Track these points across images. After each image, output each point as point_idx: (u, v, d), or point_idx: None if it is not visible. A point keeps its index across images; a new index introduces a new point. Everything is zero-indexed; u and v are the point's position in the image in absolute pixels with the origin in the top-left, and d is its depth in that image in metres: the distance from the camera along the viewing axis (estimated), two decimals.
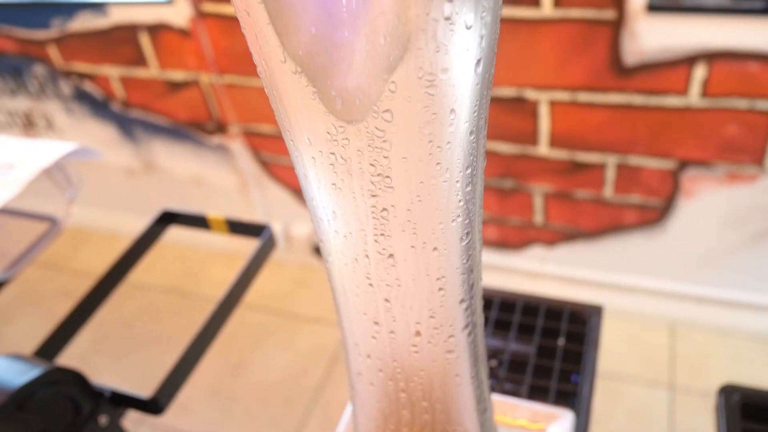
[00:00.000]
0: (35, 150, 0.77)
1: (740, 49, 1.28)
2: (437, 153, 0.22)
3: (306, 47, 0.21)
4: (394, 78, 0.20)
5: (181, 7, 1.61)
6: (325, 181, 0.24)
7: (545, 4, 1.32)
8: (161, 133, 1.94)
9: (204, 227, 0.77)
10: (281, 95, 0.23)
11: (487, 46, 0.21)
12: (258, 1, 0.20)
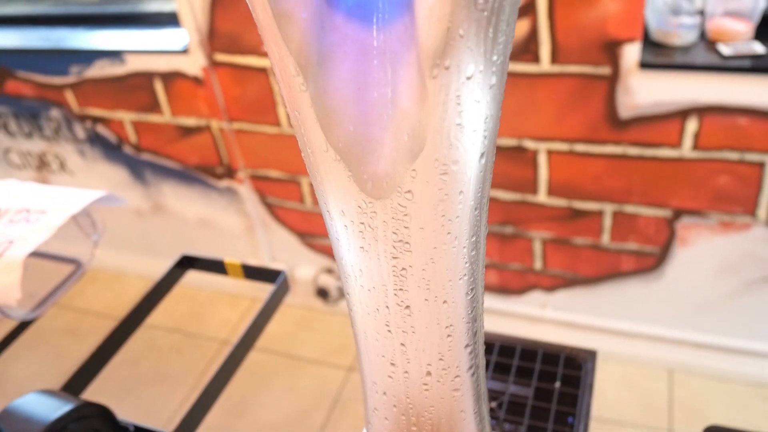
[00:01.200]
0: (65, 197, 0.83)
1: (730, 104, 1.35)
2: (448, 224, 0.28)
3: (345, 140, 0.26)
4: (415, 166, 0.26)
5: (195, 56, 1.69)
6: (355, 244, 0.30)
7: (544, 59, 1.40)
8: (171, 176, 2.01)
9: (221, 272, 0.82)
10: (322, 176, 0.28)
11: (489, 143, 0.26)
12: (308, 105, 0.26)
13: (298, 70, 0.25)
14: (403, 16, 0.23)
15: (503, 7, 0.22)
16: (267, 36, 0.25)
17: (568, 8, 1.33)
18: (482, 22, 0.22)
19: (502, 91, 0.26)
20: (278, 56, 0.25)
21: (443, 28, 0.22)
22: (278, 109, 1.71)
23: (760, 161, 1.40)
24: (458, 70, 0.23)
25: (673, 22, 1.41)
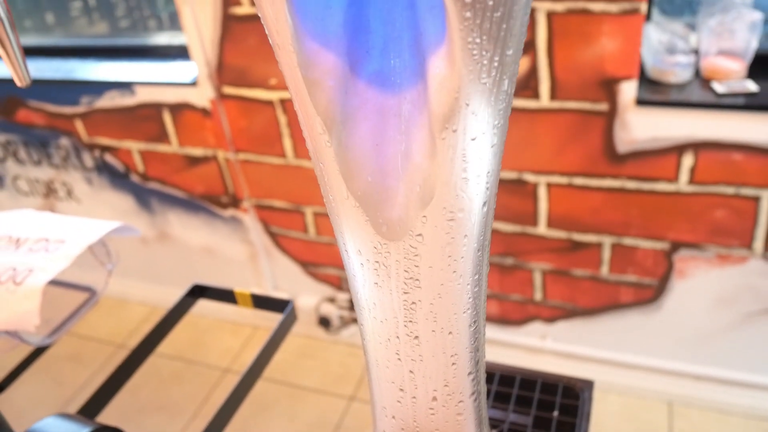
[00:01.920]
0: (82, 227, 0.86)
1: (725, 140, 1.40)
2: (454, 264, 0.31)
3: (363, 189, 0.30)
4: (425, 213, 0.29)
5: (203, 89, 1.74)
6: (370, 280, 0.33)
7: (544, 96, 1.45)
8: (177, 204, 2.05)
9: (231, 301, 0.85)
10: (342, 220, 0.32)
11: (490, 193, 0.30)
12: (332, 158, 0.30)
13: (324, 129, 0.29)
14: (417, 86, 0.27)
15: (503, 81, 0.26)
16: (297, 99, 0.29)
17: (566, 47, 1.38)
18: (485, 93, 0.26)
19: (502, 149, 0.30)
20: (306, 116, 0.29)
21: (452, 99, 0.26)
22: (284, 140, 1.75)
23: (756, 195, 1.44)
24: (464, 132, 0.27)
25: (669, 61, 1.46)
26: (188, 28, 1.66)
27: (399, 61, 0.27)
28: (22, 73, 0.54)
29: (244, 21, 1.59)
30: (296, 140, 1.74)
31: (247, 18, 1.58)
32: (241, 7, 1.57)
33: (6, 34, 0.51)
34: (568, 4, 1.34)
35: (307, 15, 0.26)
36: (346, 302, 2.04)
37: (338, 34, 0.27)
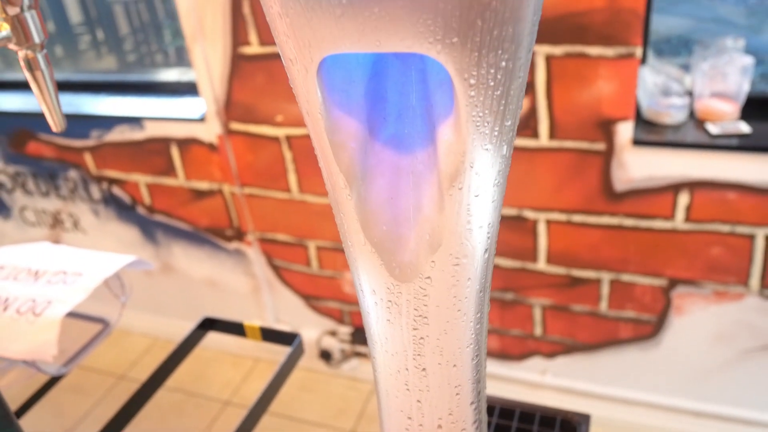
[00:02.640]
0: (99, 260, 0.90)
1: (719, 179, 1.44)
2: (459, 304, 0.35)
3: (379, 237, 0.34)
4: (434, 258, 0.34)
5: (211, 124, 1.80)
6: (382, 317, 0.37)
7: (543, 135, 1.50)
8: (182, 237, 2.09)
9: (240, 334, 0.89)
10: (359, 263, 0.36)
11: (491, 242, 0.34)
12: (352, 209, 0.34)
13: (345, 184, 0.33)
14: (428, 149, 0.31)
15: (503, 146, 0.30)
16: (322, 157, 0.33)
17: (565, 88, 1.44)
18: (487, 157, 0.30)
19: (501, 203, 0.34)
20: (330, 172, 0.33)
21: (458, 161, 0.30)
22: (288, 175, 1.80)
23: (750, 234, 1.48)
24: (468, 190, 0.31)
25: (664, 103, 1.51)
26: (198, 66, 1.72)
27: (412, 127, 0.32)
28: (57, 119, 0.58)
29: (253, 60, 1.65)
30: (301, 175, 1.79)
31: (255, 57, 1.65)
32: (250, 47, 1.64)
33: (46, 85, 0.56)
34: (566, 48, 1.40)
35: (334, 88, 0.31)
36: (348, 335, 2.06)
37: (360, 104, 0.32)
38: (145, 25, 3.70)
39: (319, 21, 0.27)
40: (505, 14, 0.26)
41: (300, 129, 1.70)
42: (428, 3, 0.25)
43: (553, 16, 1.37)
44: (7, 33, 0.53)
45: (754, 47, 2.98)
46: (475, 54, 0.26)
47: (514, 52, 0.27)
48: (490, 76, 0.27)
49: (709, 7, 3.49)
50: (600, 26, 1.35)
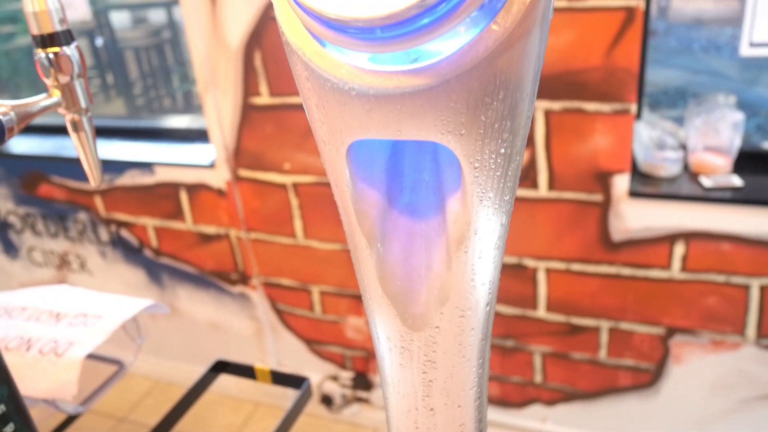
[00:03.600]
0: (117, 303, 0.95)
1: (713, 230, 1.50)
2: (463, 350, 0.40)
3: (394, 291, 0.40)
4: (442, 311, 0.39)
5: (220, 171, 1.87)
6: (396, 362, 0.42)
7: (542, 186, 1.57)
8: (187, 280, 2.14)
9: (251, 377, 0.93)
10: (376, 313, 0.41)
11: (492, 296, 0.39)
12: (371, 267, 0.39)
13: (366, 245, 0.39)
14: (438, 217, 0.37)
15: (502, 217, 0.36)
16: (346, 221, 0.39)
17: (563, 142, 1.51)
18: (489, 225, 0.36)
19: (501, 263, 0.40)
20: (353, 235, 0.39)
21: (464, 228, 0.36)
22: (294, 221, 1.86)
23: (745, 284, 1.53)
24: (473, 252, 0.36)
25: (659, 156, 1.58)
26: (209, 115, 1.80)
27: (425, 199, 0.38)
28: (97, 174, 0.64)
29: (263, 110, 1.73)
30: (306, 221, 1.85)
31: (265, 107, 1.73)
32: (260, 97, 1.72)
33: (89, 144, 0.62)
34: (564, 103, 1.47)
35: (360, 165, 0.36)
36: (349, 381, 2.09)
37: (381, 178, 0.38)
38: (155, 70, 3.83)
39: (351, 113, 0.33)
40: (504, 112, 0.32)
41: (306, 177, 1.77)
42: (442, 103, 0.31)
43: (552, 73, 1.45)
44: (58, 99, 0.59)
45: (749, 100, 3.08)
46: (479, 143, 0.32)
47: (512, 141, 0.33)
48: (491, 160, 0.33)
49: (703, 61, 3.60)
50: (596, 84, 1.43)
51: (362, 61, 0.32)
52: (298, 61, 0.34)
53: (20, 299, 0.99)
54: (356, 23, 0.28)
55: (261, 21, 1.63)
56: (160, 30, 3.82)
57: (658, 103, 2.96)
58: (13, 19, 3.52)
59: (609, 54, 1.40)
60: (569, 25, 1.40)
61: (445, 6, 0.28)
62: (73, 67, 0.58)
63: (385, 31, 0.29)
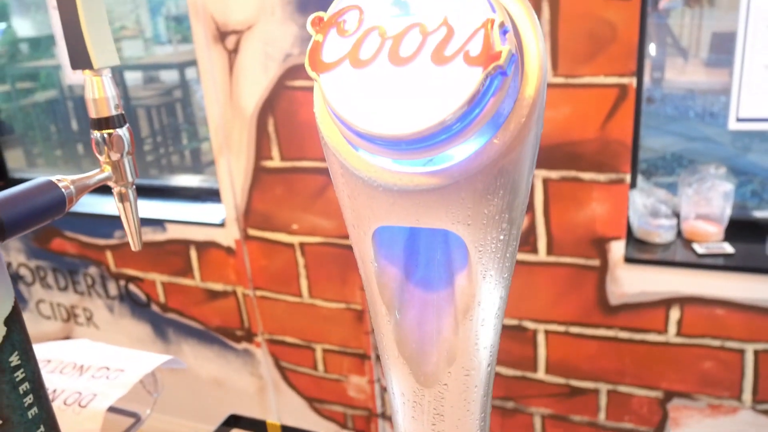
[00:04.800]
0: (138, 358, 1.01)
1: (707, 296, 1.57)
2: (468, 405, 0.47)
3: (409, 352, 0.47)
4: (450, 370, 0.46)
5: (230, 229, 1.95)
6: (408, 414, 0.49)
7: (541, 251, 1.64)
8: (192, 335, 2.19)
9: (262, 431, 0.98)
10: (392, 371, 0.48)
11: (492, 358, 0.46)
12: (390, 330, 0.46)
13: (386, 312, 0.46)
14: (447, 290, 0.44)
15: (502, 291, 0.43)
16: (369, 291, 0.46)
17: (561, 208, 1.60)
18: (491, 298, 0.43)
19: (501, 329, 0.47)
20: (374, 303, 0.46)
21: (469, 300, 0.43)
22: (300, 280, 1.93)
23: (740, 348, 1.59)
24: (477, 320, 0.44)
25: (653, 223, 1.67)
26: (222, 176, 1.89)
27: (437, 274, 0.45)
28: (137, 240, 0.72)
29: (273, 173, 1.83)
30: (312, 281, 1.91)
31: (276, 170, 1.82)
32: (271, 161, 1.81)
33: (132, 214, 0.70)
34: (562, 172, 1.56)
35: (383, 245, 0.44)
36: None
37: (400, 256, 0.45)
38: (165, 128, 3.96)
39: (377, 204, 0.41)
40: (503, 206, 0.40)
41: (314, 237, 1.85)
42: (452, 199, 0.39)
43: (550, 144, 1.55)
44: (109, 174, 0.68)
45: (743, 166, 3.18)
46: (483, 231, 0.40)
47: (509, 230, 0.41)
48: (492, 245, 0.41)
49: (699, 128, 3.73)
50: (592, 154, 1.53)
51: (388, 163, 0.40)
52: (335, 160, 0.42)
53: (45, 352, 1.05)
54: (386, 138, 0.37)
55: (275, 89, 1.74)
56: (171, 89, 3.97)
57: (655, 168, 3.07)
58: (33, 76, 3.68)
59: (604, 127, 1.50)
60: (566, 100, 1.50)
61: (458, 126, 0.36)
62: (124, 146, 0.66)
63: (409, 145, 0.37)
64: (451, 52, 0.35)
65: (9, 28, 3.90)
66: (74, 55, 0.64)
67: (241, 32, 1.72)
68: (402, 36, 0.37)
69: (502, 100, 0.37)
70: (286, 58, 1.70)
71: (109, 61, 0.64)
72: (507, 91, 0.37)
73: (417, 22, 0.37)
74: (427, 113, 0.35)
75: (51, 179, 0.61)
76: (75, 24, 0.63)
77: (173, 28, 4.45)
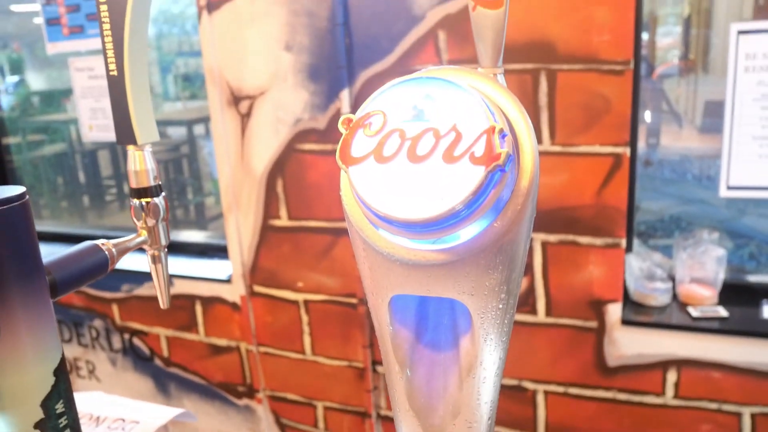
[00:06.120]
0: (152, 410, 1.07)
1: (703, 359, 1.62)
2: None
3: (418, 405, 0.53)
4: (455, 422, 0.52)
5: (236, 285, 2.01)
6: None
7: (540, 312, 1.71)
8: (194, 390, 2.22)
9: None
10: (402, 423, 0.54)
11: (492, 411, 0.53)
12: (401, 386, 0.53)
13: (398, 370, 0.53)
14: (453, 351, 0.52)
15: (501, 352, 0.51)
16: (384, 351, 0.53)
17: (559, 271, 1.67)
18: (492, 358, 0.50)
19: (500, 386, 0.54)
20: (388, 361, 0.53)
21: (472, 360, 0.50)
22: (304, 337, 1.98)
23: (737, 411, 1.63)
24: (478, 378, 0.50)
25: (649, 286, 1.73)
26: (230, 233, 1.97)
27: (444, 337, 0.52)
28: (166, 299, 0.79)
29: (281, 231, 1.91)
30: (315, 338, 1.97)
31: (283, 229, 1.90)
32: (279, 220, 1.89)
33: (163, 275, 0.78)
34: (560, 236, 1.64)
35: (397, 310, 0.51)
36: None
37: (412, 320, 0.53)
38: (171, 182, 4.07)
39: (394, 276, 0.48)
40: (502, 280, 0.47)
41: (318, 295, 1.91)
42: (458, 273, 0.46)
43: (548, 208, 1.64)
44: (145, 237, 0.75)
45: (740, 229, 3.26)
46: (484, 300, 0.47)
47: (507, 300, 0.48)
48: (492, 312, 0.48)
49: (696, 190, 3.84)
50: (589, 219, 1.61)
51: (404, 242, 0.48)
52: (358, 237, 0.50)
53: None
54: (404, 222, 0.44)
55: (285, 151, 1.83)
56: (179, 145, 4.09)
57: (654, 230, 3.16)
58: (45, 129, 3.81)
59: (600, 193, 1.59)
60: (564, 167, 1.60)
61: (465, 212, 0.44)
62: (160, 213, 0.74)
63: (423, 227, 0.45)
64: (459, 153, 0.44)
65: (22, 81, 4.05)
66: (120, 132, 0.73)
67: (254, 97, 1.83)
68: (419, 138, 0.45)
69: (501, 191, 0.45)
70: (297, 122, 1.80)
71: (150, 138, 0.73)
72: (506, 183, 0.45)
73: (431, 127, 0.45)
74: (438, 202, 0.43)
75: (96, 243, 0.68)
76: (123, 104, 0.72)
77: (182, 86, 4.62)
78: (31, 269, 0.58)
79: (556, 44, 1.54)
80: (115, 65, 0.70)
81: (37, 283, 0.59)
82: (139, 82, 0.72)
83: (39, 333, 0.60)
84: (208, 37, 1.84)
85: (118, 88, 0.71)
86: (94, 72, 2.12)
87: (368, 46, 1.69)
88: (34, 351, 0.60)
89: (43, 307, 0.59)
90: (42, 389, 0.60)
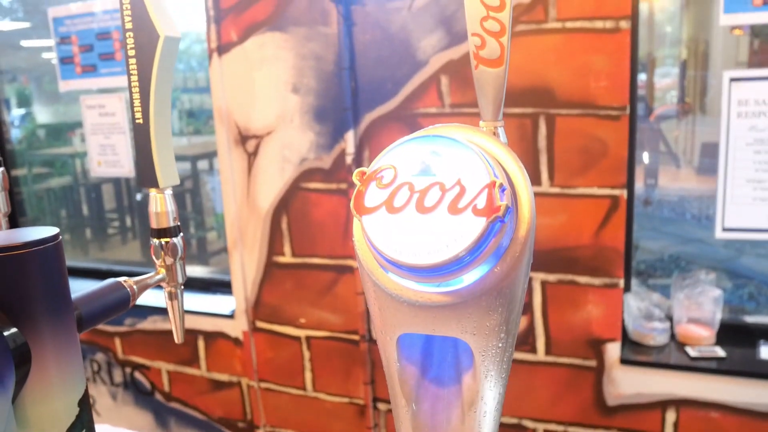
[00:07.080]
0: None
1: (701, 398, 1.65)
2: None
3: None
4: None
5: (239, 321, 2.05)
6: None
7: (540, 350, 1.74)
8: (194, 426, 2.24)
9: None
10: None
11: None
12: (407, 419, 0.57)
13: (405, 404, 0.57)
14: (455, 387, 0.56)
15: (501, 388, 0.55)
16: (391, 385, 0.58)
17: (559, 310, 1.71)
18: (492, 394, 0.54)
19: (500, 420, 0.58)
20: (395, 395, 0.58)
21: (474, 395, 0.54)
22: (305, 373, 2.01)
23: None
24: (480, 412, 0.55)
25: (647, 326, 1.77)
26: (234, 269, 2.02)
27: (447, 373, 0.57)
28: (181, 334, 0.83)
29: (284, 268, 1.95)
30: (316, 374, 2.00)
31: (287, 266, 1.94)
32: (283, 257, 1.94)
33: (179, 310, 0.82)
34: (559, 276, 1.69)
35: (404, 347, 0.56)
36: None
37: (417, 357, 0.57)
38: None
39: (402, 315, 0.53)
40: (501, 320, 0.52)
41: (320, 332, 1.95)
42: (461, 314, 0.51)
43: (547, 248, 1.68)
44: (163, 275, 0.80)
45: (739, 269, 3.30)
46: (485, 339, 0.52)
47: (506, 339, 0.53)
48: (493, 351, 0.52)
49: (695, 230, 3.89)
50: (587, 260, 1.66)
51: (412, 284, 0.52)
52: (368, 279, 0.55)
53: None
54: (412, 267, 0.49)
55: (290, 190, 1.89)
56: (182, 179, 4.16)
57: (654, 269, 3.20)
58: (50, 163, 3.88)
59: (598, 234, 1.64)
60: (562, 208, 1.65)
61: (468, 259, 0.49)
62: (178, 252, 0.79)
63: (429, 272, 0.49)
64: (463, 205, 0.49)
65: (29, 114, 4.14)
66: (143, 175, 0.78)
67: (261, 137, 1.90)
68: (426, 191, 0.50)
69: (501, 240, 0.50)
70: (302, 162, 1.86)
71: (171, 182, 0.78)
72: (505, 232, 0.50)
73: (438, 181, 0.50)
74: (444, 250, 0.48)
75: (119, 280, 0.73)
76: (147, 150, 0.78)
77: (187, 122, 4.71)
78: (60, 305, 0.63)
79: (555, 90, 1.60)
80: (141, 114, 0.76)
81: (66, 318, 0.63)
82: (162, 129, 0.77)
83: (66, 365, 0.64)
84: (218, 78, 1.91)
85: (143, 135, 0.77)
86: (105, 109, 2.19)
87: (373, 90, 1.76)
88: (61, 382, 0.64)
89: (70, 340, 0.64)
90: (67, 419, 0.64)
